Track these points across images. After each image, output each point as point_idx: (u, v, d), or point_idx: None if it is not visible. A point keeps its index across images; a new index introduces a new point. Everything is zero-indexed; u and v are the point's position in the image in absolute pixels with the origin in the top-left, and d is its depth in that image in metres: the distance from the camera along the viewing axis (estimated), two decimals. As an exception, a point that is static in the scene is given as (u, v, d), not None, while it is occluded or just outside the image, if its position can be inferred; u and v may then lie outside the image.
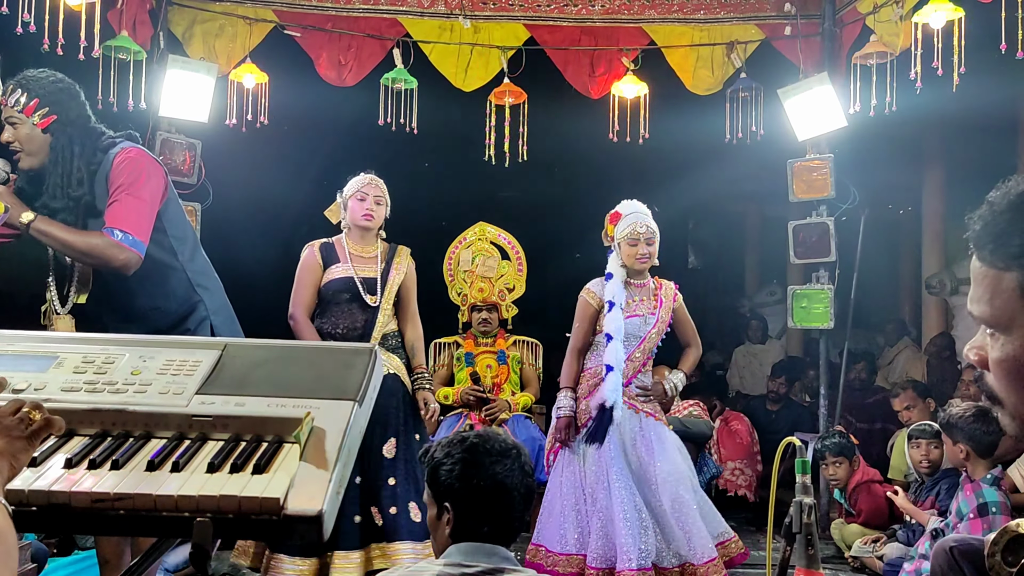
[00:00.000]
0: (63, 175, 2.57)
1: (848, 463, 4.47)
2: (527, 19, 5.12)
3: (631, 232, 3.79)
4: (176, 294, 2.74)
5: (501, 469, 1.82)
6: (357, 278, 3.59)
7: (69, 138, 2.61)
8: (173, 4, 4.80)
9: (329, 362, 1.43)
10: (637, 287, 3.87)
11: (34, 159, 2.60)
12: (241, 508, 1.17)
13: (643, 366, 3.86)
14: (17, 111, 2.57)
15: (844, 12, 4.92)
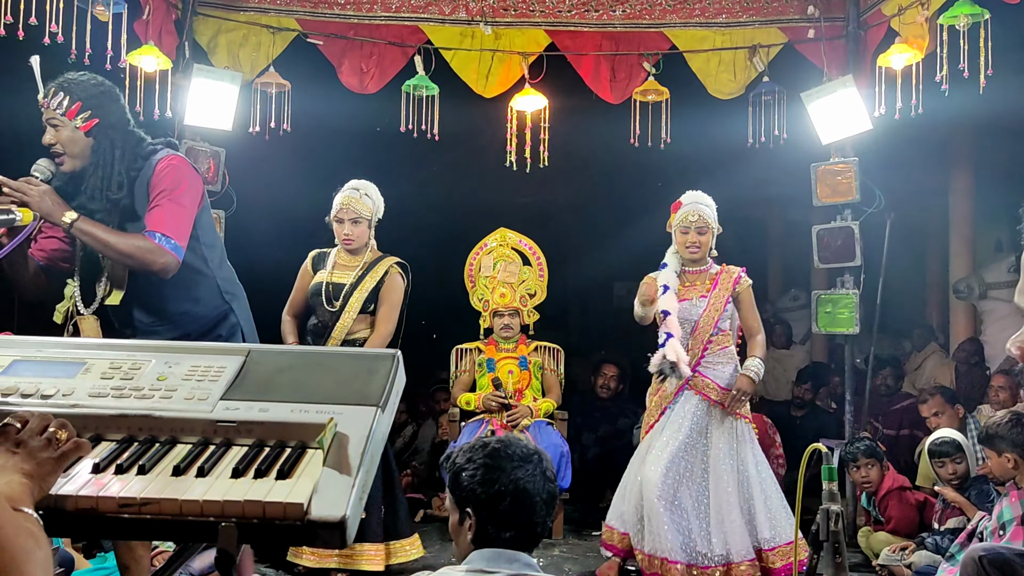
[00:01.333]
0: (103, 178, 2.58)
1: (879, 465, 4.42)
2: (548, 25, 5.12)
3: (683, 220, 3.97)
4: (205, 300, 2.77)
5: (523, 475, 1.82)
6: (327, 283, 3.93)
7: (111, 142, 2.62)
8: (198, 14, 4.86)
9: (352, 368, 1.43)
10: (693, 274, 4.02)
11: (75, 161, 2.61)
12: (265, 513, 1.17)
13: (704, 352, 3.90)
14: (60, 114, 2.59)
15: (869, 14, 4.87)
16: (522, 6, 5.12)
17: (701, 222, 3.94)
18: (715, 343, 3.94)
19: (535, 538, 1.86)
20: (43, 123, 2.61)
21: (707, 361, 3.92)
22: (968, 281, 7.30)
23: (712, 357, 3.93)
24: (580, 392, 6.25)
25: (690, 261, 4.01)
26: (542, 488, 1.83)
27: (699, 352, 3.91)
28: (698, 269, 4.01)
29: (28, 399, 1.34)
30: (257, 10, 4.98)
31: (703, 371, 3.90)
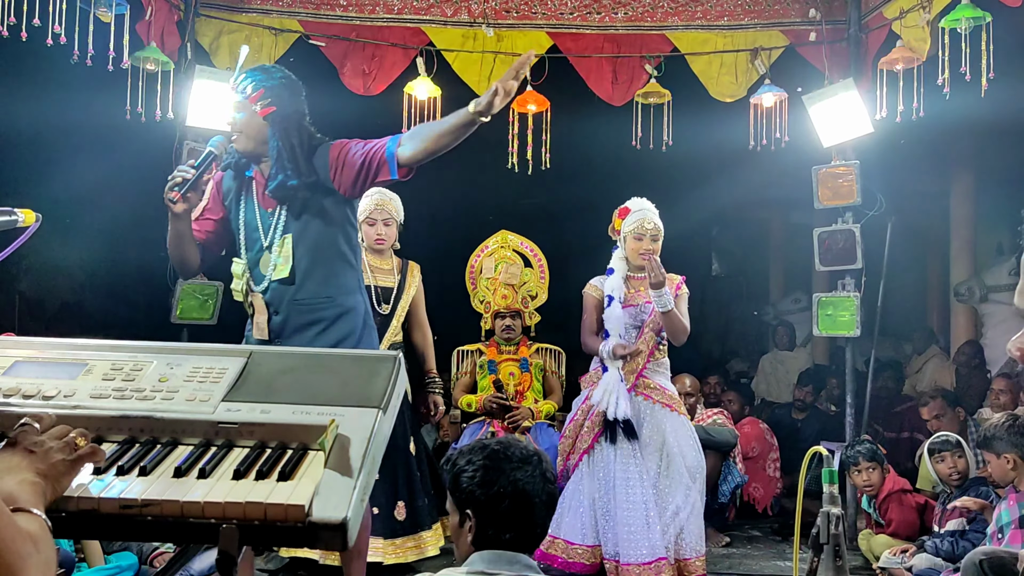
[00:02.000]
0: (289, 160, 2.78)
1: (880, 468, 4.41)
2: (550, 27, 5.12)
3: (638, 227, 3.98)
4: (347, 289, 2.90)
5: (522, 476, 1.82)
6: (375, 287, 4.09)
7: (285, 129, 2.80)
8: (200, 16, 4.86)
9: (354, 370, 1.44)
10: (638, 280, 4.02)
11: (249, 143, 2.82)
12: (267, 515, 1.18)
13: (650, 357, 3.94)
14: (242, 98, 2.80)
15: (870, 17, 4.88)
16: (524, 8, 5.13)
17: (656, 230, 3.97)
18: (660, 351, 3.98)
19: (535, 539, 1.86)
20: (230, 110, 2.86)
21: (651, 368, 3.95)
22: (969, 284, 7.31)
23: (654, 364, 3.97)
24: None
25: (636, 267, 4.00)
26: (541, 490, 1.83)
27: (645, 357, 3.93)
28: (643, 275, 3.96)
29: (30, 400, 1.35)
30: (260, 11, 4.98)
31: (648, 375, 3.94)
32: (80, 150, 5.80)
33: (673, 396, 3.96)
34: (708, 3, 5.08)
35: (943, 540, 3.89)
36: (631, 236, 3.99)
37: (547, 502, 1.85)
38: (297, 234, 2.82)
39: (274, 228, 2.84)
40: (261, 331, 2.84)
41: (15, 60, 4.55)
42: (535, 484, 1.82)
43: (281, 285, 2.83)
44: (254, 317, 2.86)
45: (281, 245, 2.83)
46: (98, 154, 5.60)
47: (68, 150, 5.91)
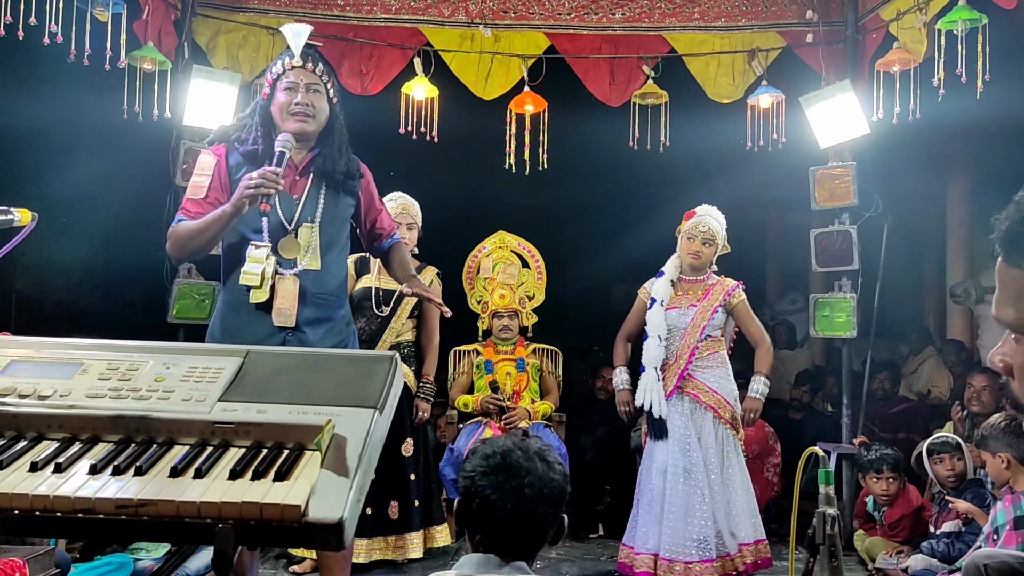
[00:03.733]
0: (339, 146, 2.80)
1: (900, 480, 4.34)
2: (547, 28, 5.13)
3: (692, 228, 4.10)
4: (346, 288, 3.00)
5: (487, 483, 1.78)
6: (377, 288, 4.20)
7: (340, 120, 2.84)
8: (198, 15, 4.86)
9: (350, 370, 1.44)
10: (688, 283, 4.13)
11: (316, 128, 2.76)
12: (263, 515, 1.17)
13: (691, 357, 3.99)
14: (323, 81, 2.77)
15: (867, 19, 4.88)
16: (521, 9, 5.13)
17: (709, 234, 4.06)
18: (703, 348, 4.02)
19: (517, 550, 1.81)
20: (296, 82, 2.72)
21: (696, 364, 4.02)
22: (965, 285, 7.32)
23: (701, 361, 4.02)
24: (578, 394, 6.25)
25: (689, 268, 4.11)
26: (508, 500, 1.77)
27: (686, 357, 4.01)
28: (695, 279, 4.12)
29: (25, 399, 1.34)
30: (257, 11, 4.98)
31: (693, 373, 4.01)
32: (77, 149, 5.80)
33: (721, 400, 3.98)
34: (705, 4, 5.08)
35: (939, 541, 3.90)
36: (685, 236, 4.12)
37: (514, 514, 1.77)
38: (321, 225, 2.78)
39: (299, 215, 2.76)
40: (285, 318, 2.71)
41: (11, 59, 4.55)
42: (501, 495, 1.78)
43: (307, 274, 2.76)
44: (274, 303, 2.71)
45: (309, 233, 2.76)
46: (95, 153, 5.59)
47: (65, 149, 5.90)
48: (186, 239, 2.70)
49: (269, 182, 2.54)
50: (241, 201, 2.56)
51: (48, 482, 1.20)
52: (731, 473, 3.95)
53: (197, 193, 2.75)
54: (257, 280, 2.70)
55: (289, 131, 2.69)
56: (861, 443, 4.79)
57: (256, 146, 2.75)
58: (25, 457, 1.26)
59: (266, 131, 2.76)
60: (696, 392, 3.98)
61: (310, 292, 2.74)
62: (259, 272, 2.70)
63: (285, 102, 2.71)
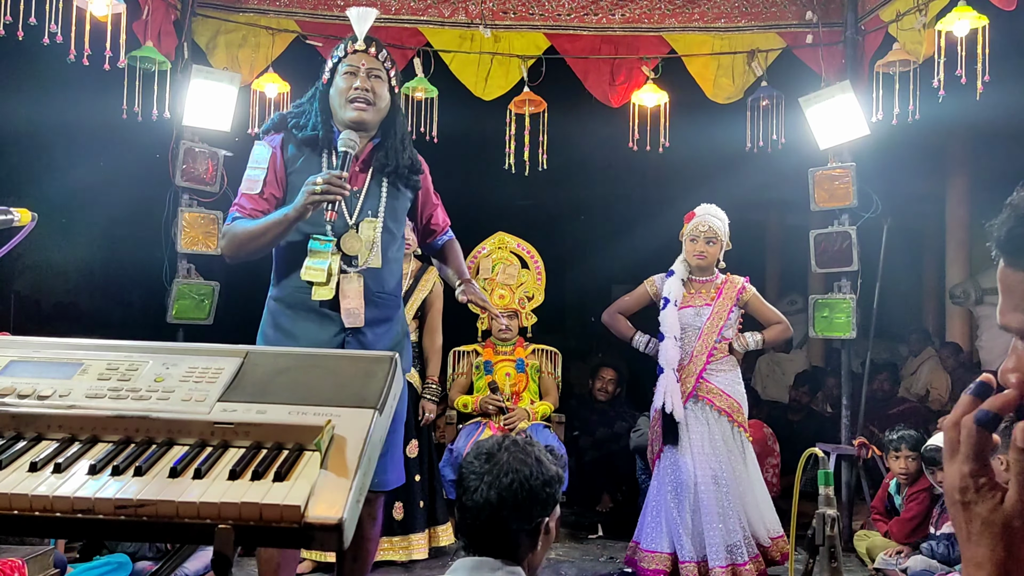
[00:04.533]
0: (401, 138, 2.66)
1: (920, 461, 4.33)
2: (547, 28, 5.12)
3: (693, 229, 4.09)
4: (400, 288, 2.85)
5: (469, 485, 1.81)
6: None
7: (401, 110, 2.71)
8: (197, 15, 4.85)
9: (350, 370, 1.43)
10: (699, 283, 4.12)
11: (377, 116, 2.60)
12: (262, 516, 1.17)
13: (709, 359, 3.99)
14: (386, 67, 2.60)
15: (866, 20, 4.88)
16: (521, 9, 5.13)
17: (711, 232, 4.05)
18: (719, 350, 4.02)
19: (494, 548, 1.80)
20: (357, 66, 2.56)
21: (712, 368, 4.01)
22: (964, 287, 7.33)
23: (716, 364, 4.02)
24: (577, 395, 6.25)
25: (697, 269, 4.11)
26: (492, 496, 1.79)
27: (703, 360, 4.01)
28: (704, 278, 4.12)
29: (25, 400, 1.34)
30: (256, 11, 4.98)
31: (708, 378, 4.00)
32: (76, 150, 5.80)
33: (735, 404, 3.98)
34: (705, 5, 5.08)
35: (939, 542, 3.90)
36: (687, 238, 4.11)
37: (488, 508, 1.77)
38: (383, 220, 2.63)
39: (360, 210, 2.60)
40: (355, 318, 2.54)
41: (11, 59, 4.55)
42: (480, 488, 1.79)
43: (368, 272, 2.60)
44: (341, 303, 2.54)
45: (371, 228, 2.61)
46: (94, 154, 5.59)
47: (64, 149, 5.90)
48: (244, 240, 2.53)
49: (336, 188, 2.39)
50: (305, 207, 2.41)
51: (47, 482, 1.20)
52: (751, 472, 3.99)
53: (252, 188, 2.59)
54: (323, 276, 2.53)
55: (348, 119, 2.54)
56: (860, 444, 4.79)
57: (315, 132, 2.59)
58: (24, 457, 1.26)
59: (325, 118, 2.61)
60: (710, 396, 3.97)
61: (372, 291, 2.60)
62: (324, 268, 2.54)
63: (344, 87, 2.55)
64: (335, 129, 2.60)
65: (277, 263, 2.65)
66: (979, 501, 0.80)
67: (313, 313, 2.55)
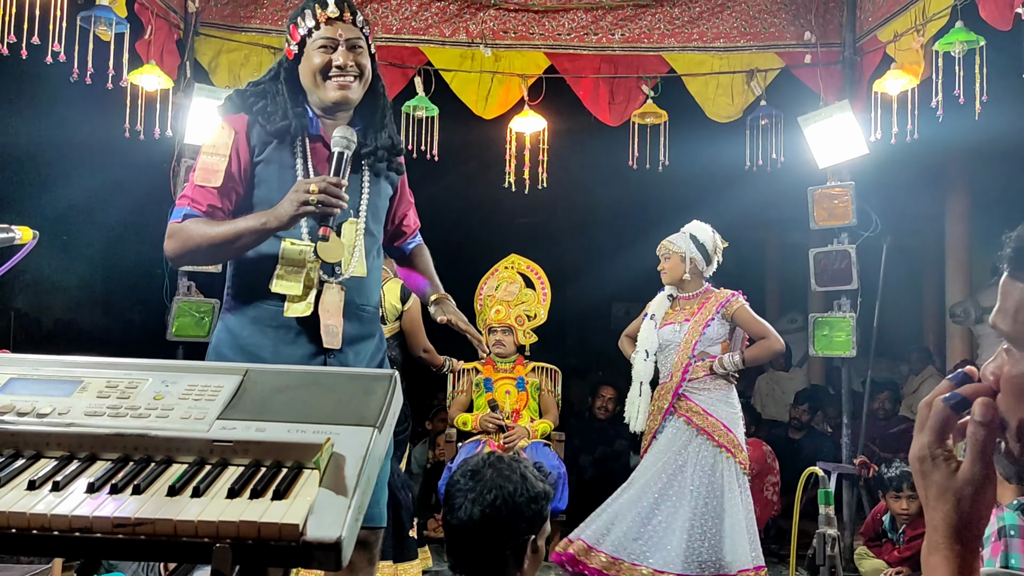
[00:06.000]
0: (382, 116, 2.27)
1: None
2: (547, 48, 5.16)
3: (658, 250, 4.18)
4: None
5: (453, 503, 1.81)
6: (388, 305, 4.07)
7: (381, 81, 2.29)
8: (200, 34, 4.89)
9: (349, 388, 1.43)
10: (684, 299, 4.15)
11: (360, 93, 2.20)
12: (260, 534, 1.17)
13: (684, 375, 3.97)
14: (365, 34, 2.19)
15: (864, 41, 4.92)
16: (522, 29, 5.17)
17: (663, 250, 4.15)
18: (696, 367, 3.99)
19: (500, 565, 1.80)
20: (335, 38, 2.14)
21: (692, 386, 3.99)
22: (964, 305, 7.32)
23: (698, 383, 3.99)
24: (577, 413, 6.24)
25: (679, 286, 4.15)
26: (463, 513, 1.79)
27: (680, 376, 3.99)
28: (688, 294, 4.14)
29: (24, 417, 1.34)
30: (258, 31, 5.01)
31: (688, 395, 3.98)
32: (78, 167, 5.82)
33: (717, 423, 3.92)
34: (705, 25, 5.12)
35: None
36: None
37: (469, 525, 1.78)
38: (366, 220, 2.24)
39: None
40: (333, 337, 2.14)
41: (14, 78, 4.57)
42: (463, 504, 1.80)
43: (350, 282, 2.20)
44: (321, 320, 2.14)
45: (354, 230, 2.20)
46: (96, 171, 5.61)
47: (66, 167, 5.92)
48: (201, 244, 2.09)
49: (333, 199, 2.02)
50: (292, 218, 2.03)
51: (46, 500, 1.19)
52: (731, 498, 3.87)
53: (209, 179, 2.12)
54: (298, 288, 2.13)
55: (330, 100, 2.15)
56: (861, 463, 4.78)
57: (287, 121, 2.15)
58: (23, 475, 1.26)
59: (297, 101, 2.19)
60: (689, 414, 3.94)
61: (355, 304, 2.21)
62: (300, 278, 2.13)
63: (320, 64, 2.14)
64: (309, 113, 2.20)
65: (237, 270, 2.22)
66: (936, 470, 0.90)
67: (283, 330, 2.14)
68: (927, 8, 4.23)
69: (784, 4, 5.10)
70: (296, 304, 2.13)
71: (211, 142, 2.15)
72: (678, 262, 4.09)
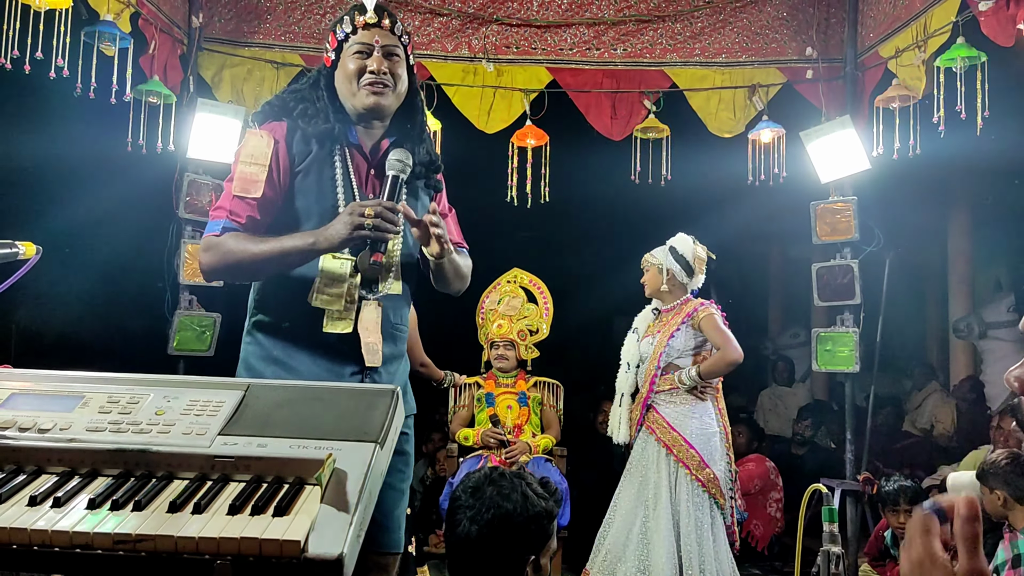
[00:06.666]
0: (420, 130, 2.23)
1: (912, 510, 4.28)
2: (550, 63, 5.17)
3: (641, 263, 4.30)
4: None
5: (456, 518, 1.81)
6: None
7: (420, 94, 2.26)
8: (203, 49, 4.91)
9: (351, 404, 1.43)
10: (664, 312, 4.21)
11: (396, 102, 2.16)
12: (262, 551, 1.16)
13: (651, 388, 4.06)
14: (403, 43, 2.17)
15: (866, 56, 4.93)
16: (524, 44, 5.18)
17: (644, 263, 4.28)
18: (663, 379, 4.04)
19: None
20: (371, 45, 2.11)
21: (659, 398, 4.05)
22: (968, 320, 7.31)
23: (666, 395, 4.04)
24: (580, 428, 6.21)
25: (660, 300, 4.24)
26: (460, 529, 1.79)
27: (647, 388, 4.07)
28: (667, 307, 4.20)
29: (26, 433, 1.34)
30: (262, 46, 5.03)
31: (656, 407, 4.05)
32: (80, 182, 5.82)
33: (678, 438, 3.93)
34: (706, 41, 5.13)
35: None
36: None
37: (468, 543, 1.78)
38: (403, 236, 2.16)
39: None
40: (374, 355, 2.07)
41: (17, 93, 4.58)
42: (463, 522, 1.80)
43: (385, 301, 2.13)
44: (361, 338, 2.06)
45: (393, 247, 2.13)
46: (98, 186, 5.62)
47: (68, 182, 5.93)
48: (244, 261, 1.99)
49: (390, 225, 1.94)
50: (345, 241, 1.95)
51: (47, 516, 1.19)
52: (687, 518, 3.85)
53: (248, 190, 2.03)
54: (340, 304, 2.04)
55: (362, 106, 2.09)
56: (865, 479, 4.75)
57: (329, 124, 2.10)
58: (24, 491, 1.25)
59: (335, 107, 2.15)
60: (655, 427, 4.01)
61: (391, 323, 2.15)
62: (341, 293, 2.05)
63: (355, 70, 2.09)
64: (349, 123, 2.15)
65: (267, 282, 2.14)
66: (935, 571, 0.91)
67: (322, 348, 2.06)
68: (929, 24, 4.24)
69: (785, 20, 5.12)
70: (338, 321, 2.05)
71: (249, 151, 2.05)
72: (655, 274, 4.18)
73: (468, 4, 5.14)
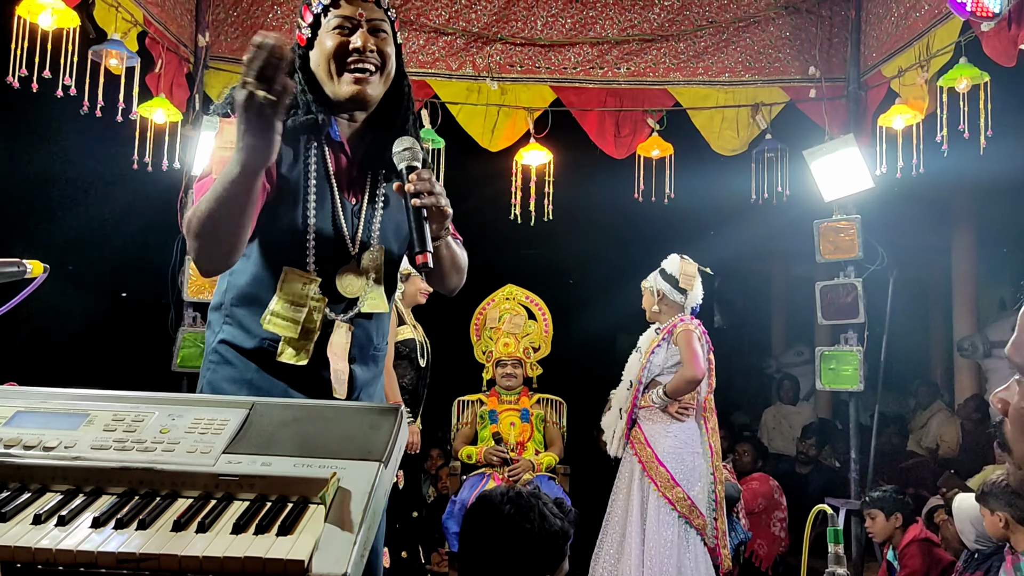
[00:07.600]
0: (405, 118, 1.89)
1: (884, 516, 4.28)
2: (553, 81, 5.20)
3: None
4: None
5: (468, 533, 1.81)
6: (420, 341, 4.19)
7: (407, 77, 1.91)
8: (209, 68, 4.94)
9: (356, 422, 1.43)
10: (662, 331, 4.24)
11: (383, 88, 1.82)
12: (265, 570, 1.16)
13: (634, 403, 4.13)
14: (390, 18, 1.82)
15: (869, 76, 4.95)
16: (528, 62, 5.21)
17: (642, 288, 4.31)
18: (645, 396, 4.11)
19: None
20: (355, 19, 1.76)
21: (642, 414, 4.12)
22: (972, 339, 7.30)
23: (647, 412, 4.10)
24: (583, 446, 6.19)
25: (656, 321, 4.28)
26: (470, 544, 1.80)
27: (629, 404, 4.14)
28: (664, 326, 4.23)
29: (31, 451, 1.34)
30: (268, 64, 5.06)
31: (639, 421, 4.12)
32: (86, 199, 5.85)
33: (652, 455, 3.99)
34: (710, 60, 5.16)
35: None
36: None
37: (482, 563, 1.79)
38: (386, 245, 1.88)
39: (362, 230, 1.84)
40: (341, 385, 1.81)
41: (25, 111, 4.62)
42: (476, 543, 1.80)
43: (365, 321, 1.86)
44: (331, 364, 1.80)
45: (372, 258, 1.85)
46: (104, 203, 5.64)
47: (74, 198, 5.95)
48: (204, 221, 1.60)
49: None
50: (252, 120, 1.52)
51: (51, 535, 1.19)
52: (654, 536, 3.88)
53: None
54: (294, 330, 1.75)
55: (344, 95, 1.77)
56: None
57: (311, 115, 1.78)
58: (29, 509, 1.25)
59: (316, 95, 1.80)
60: (634, 442, 4.08)
61: (371, 344, 1.89)
62: (299, 317, 1.76)
63: (333, 48, 1.75)
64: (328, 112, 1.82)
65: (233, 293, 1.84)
66: None
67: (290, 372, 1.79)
68: (931, 44, 4.26)
69: (788, 39, 5.15)
70: (291, 350, 1.76)
71: (226, 138, 1.70)
72: (649, 297, 4.26)
73: (472, 23, 5.17)
